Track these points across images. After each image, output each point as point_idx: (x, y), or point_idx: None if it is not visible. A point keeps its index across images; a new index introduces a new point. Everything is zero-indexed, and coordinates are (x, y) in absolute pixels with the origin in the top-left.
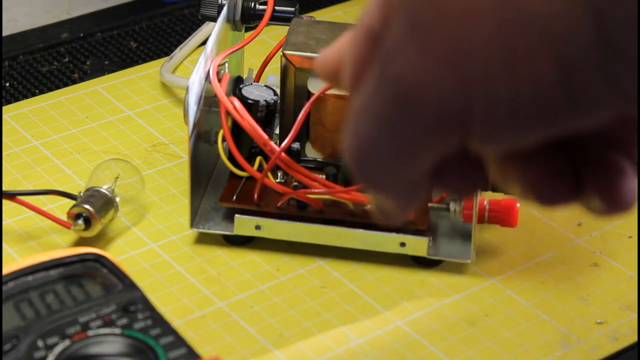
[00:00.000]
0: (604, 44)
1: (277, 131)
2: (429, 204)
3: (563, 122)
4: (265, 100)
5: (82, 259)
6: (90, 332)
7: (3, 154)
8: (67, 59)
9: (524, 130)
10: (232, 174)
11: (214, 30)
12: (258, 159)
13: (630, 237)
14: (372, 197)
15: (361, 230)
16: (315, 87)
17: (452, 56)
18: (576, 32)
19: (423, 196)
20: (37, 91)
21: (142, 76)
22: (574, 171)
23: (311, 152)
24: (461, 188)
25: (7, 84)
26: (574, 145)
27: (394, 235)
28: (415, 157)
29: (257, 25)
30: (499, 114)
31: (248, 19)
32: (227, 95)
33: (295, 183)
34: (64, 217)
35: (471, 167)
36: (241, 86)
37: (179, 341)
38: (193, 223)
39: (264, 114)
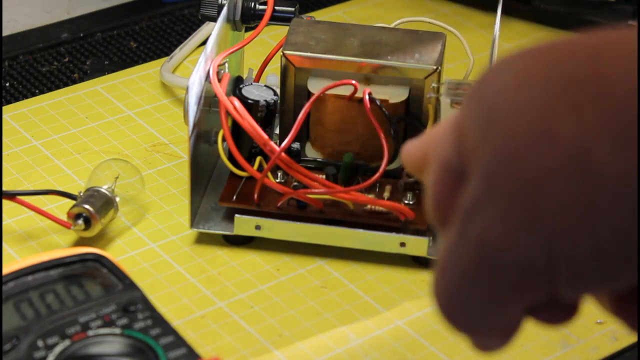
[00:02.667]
0: None
1: (277, 131)
2: None
3: None
4: (265, 100)
5: (82, 259)
6: (90, 332)
7: (3, 154)
8: (67, 59)
9: (611, 278)
10: (232, 174)
11: (214, 30)
12: (258, 159)
13: None
14: (467, 337)
15: (361, 230)
16: (315, 87)
17: (530, 221)
18: None
19: (517, 330)
20: (37, 91)
21: (142, 76)
22: None
23: (311, 152)
24: (554, 320)
25: (7, 84)
26: None
27: (394, 235)
28: (504, 308)
29: (257, 25)
30: (583, 267)
31: (248, 19)
32: (227, 95)
33: (295, 183)
34: (64, 217)
35: (562, 303)
36: (241, 86)
37: (179, 341)
38: (193, 223)
39: (264, 114)
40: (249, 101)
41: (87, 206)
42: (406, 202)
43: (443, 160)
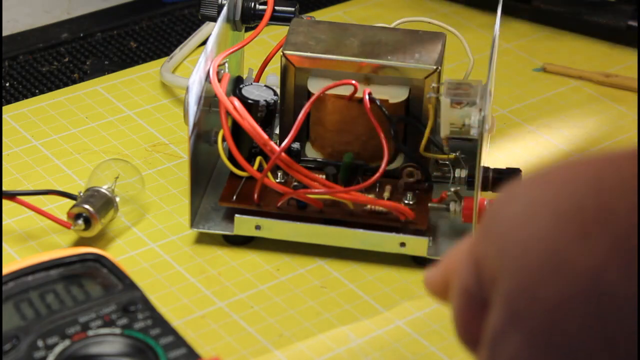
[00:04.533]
0: None
1: (277, 131)
2: (429, 204)
3: None
4: (265, 100)
5: (82, 259)
6: (90, 332)
7: (3, 154)
8: (67, 59)
9: None
10: (232, 174)
11: (214, 30)
12: (258, 159)
13: None
14: None
15: (361, 230)
16: (315, 87)
17: (554, 347)
18: None
19: None
20: (37, 91)
21: (142, 76)
22: None
23: (311, 152)
24: None
25: (7, 84)
26: None
27: (394, 235)
28: None
29: (257, 25)
30: None
31: (248, 19)
32: (227, 95)
33: (295, 183)
34: (64, 217)
35: None
36: (241, 86)
37: (179, 341)
38: (193, 223)
39: (264, 114)
40: (249, 101)
41: (87, 206)
42: (406, 202)
43: (464, 287)
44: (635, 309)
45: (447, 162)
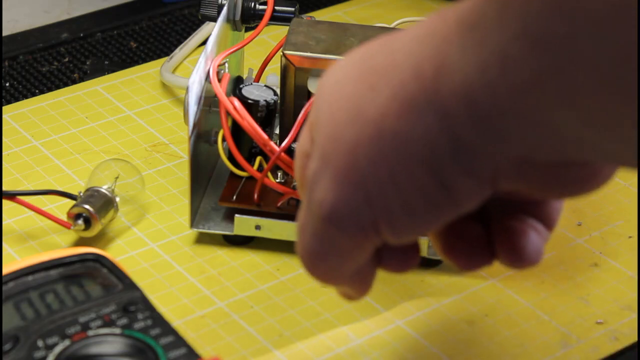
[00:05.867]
0: (454, 146)
1: (277, 131)
2: None
3: (449, 210)
4: (265, 100)
5: (82, 259)
6: (90, 332)
7: (3, 154)
8: (67, 59)
9: (423, 225)
10: (232, 174)
11: (214, 30)
12: (258, 159)
13: (631, 237)
14: (332, 288)
15: None
16: (315, 87)
17: (353, 184)
18: (435, 144)
19: (371, 279)
20: (37, 91)
21: (142, 76)
22: (488, 237)
23: None
24: (400, 268)
25: (7, 84)
26: (484, 215)
27: None
28: (348, 258)
29: (257, 25)
30: (399, 218)
31: (248, 19)
32: (227, 95)
33: (295, 183)
34: (64, 217)
35: (403, 250)
36: (241, 86)
37: (179, 341)
38: (193, 223)
39: (264, 114)
40: (249, 101)
41: (87, 206)
42: None
43: (301, 147)
44: (414, 149)
45: None
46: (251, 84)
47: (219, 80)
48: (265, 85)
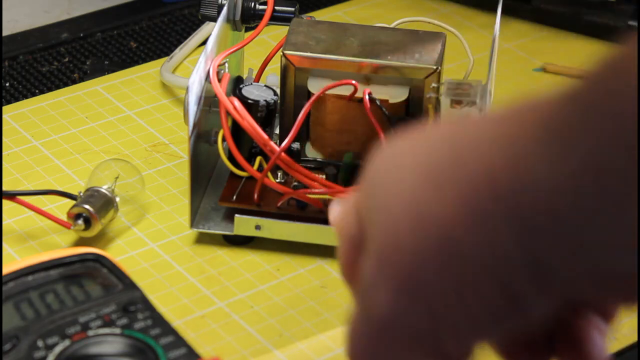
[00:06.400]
0: (531, 263)
1: (277, 131)
2: None
3: (517, 323)
4: (265, 100)
5: (82, 259)
6: (90, 332)
7: (3, 154)
8: (67, 59)
9: (485, 334)
10: (232, 174)
11: (214, 30)
12: (258, 159)
13: None
14: None
15: None
16: (315, 87)
17: (414, 291)
18: (509, 260)
19: None
20: (37, 91)
21: (142, 76)
22: (548, 338)
23: (311, 152)
24: None
25: (7, 84)
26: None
27: None
28: None
29: (257, 25)
30: (461, 329)
31: (248, 19)
32: (227, 95)
33: (295, 183)
34: (64, 217)
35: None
36: (241, 86)
37: (179, 341)
38: (193, 223)
39: (264, 114)
40: (249, 101)
41: (87, 206)
42: None
43: (348, 232)
44: (484, 260)
45: None
46: (251, 84)
47: (219, 80)
48: (265, 85)
